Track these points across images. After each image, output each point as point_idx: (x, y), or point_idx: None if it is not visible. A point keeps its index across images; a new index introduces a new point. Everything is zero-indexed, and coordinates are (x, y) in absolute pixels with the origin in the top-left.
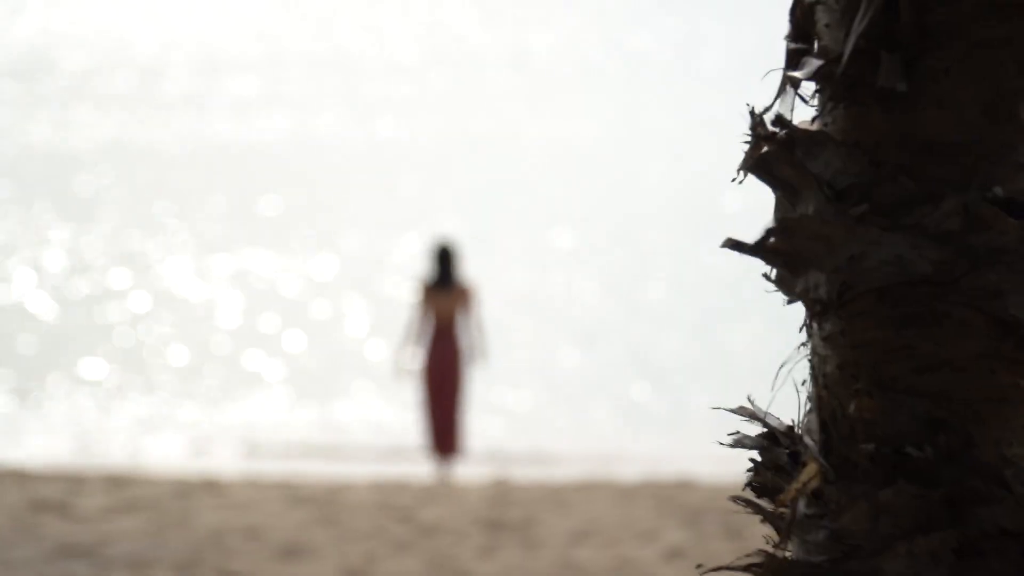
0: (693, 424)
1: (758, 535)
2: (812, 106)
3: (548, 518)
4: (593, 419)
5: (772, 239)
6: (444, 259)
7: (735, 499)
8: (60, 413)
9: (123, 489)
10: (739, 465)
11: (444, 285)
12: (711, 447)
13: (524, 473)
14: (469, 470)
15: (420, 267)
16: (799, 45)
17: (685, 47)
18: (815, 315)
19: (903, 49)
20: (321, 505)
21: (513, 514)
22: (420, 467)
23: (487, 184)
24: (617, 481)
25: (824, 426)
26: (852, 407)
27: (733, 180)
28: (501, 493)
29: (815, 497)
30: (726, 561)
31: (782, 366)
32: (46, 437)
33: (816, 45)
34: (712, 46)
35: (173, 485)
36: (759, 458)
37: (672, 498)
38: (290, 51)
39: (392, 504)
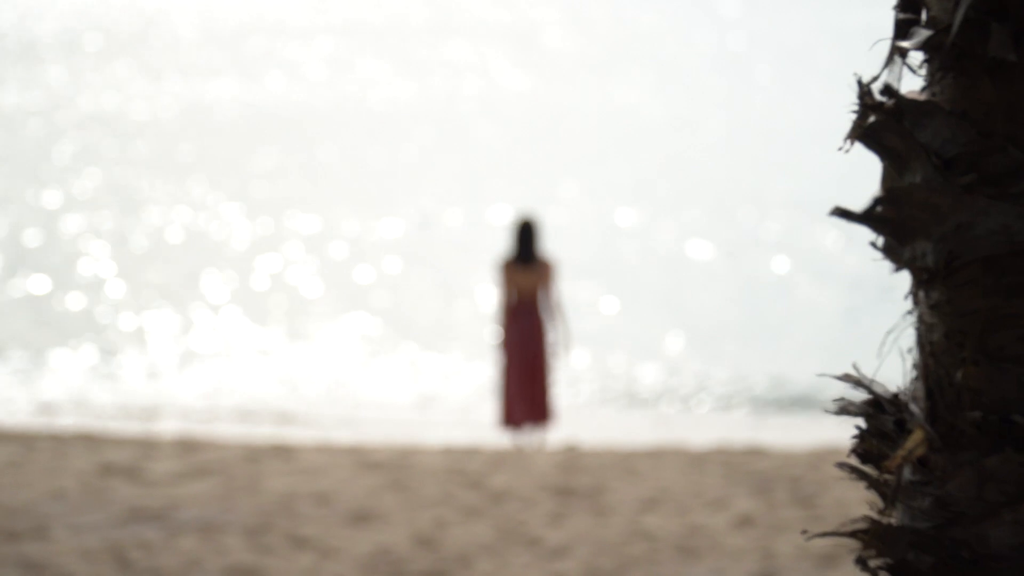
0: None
1: (828, 503)
2: (920, 76)
3: (618, 485)
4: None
5: (880, 208)
6: (526, 234)
7: (840, 465)
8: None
9: (194, 454)
10: (806, 435)
11: (526, 260)
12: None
13: (593, 439)
14: (539, 436)
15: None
16: (907, 15)
17: (694, 24)
18: (922, 283)
19: (1013, 20)
20: (391, 471)
21: (583, 481)
22: (490, 434)
23: (498, 154)
24: (687, 448)
25: (930, 394)
26: (959, 375)
27: (840, 149)
28: (571, 460)
29: (920, 464)
30: (796, 528)
31: (888, 333)
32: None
33: (924, 15)
34: (726, 24)
35: (243, 450)
36: (864, 425)
37: (742, 466)
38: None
39: (462, 470)
